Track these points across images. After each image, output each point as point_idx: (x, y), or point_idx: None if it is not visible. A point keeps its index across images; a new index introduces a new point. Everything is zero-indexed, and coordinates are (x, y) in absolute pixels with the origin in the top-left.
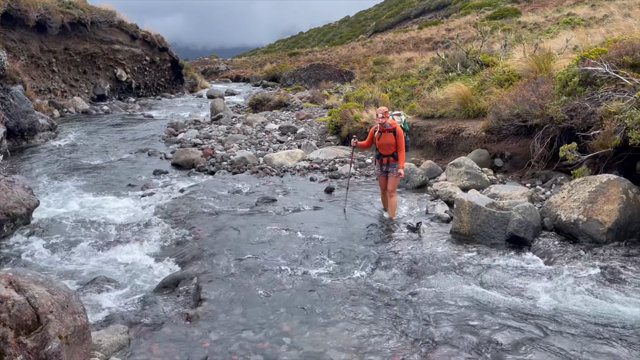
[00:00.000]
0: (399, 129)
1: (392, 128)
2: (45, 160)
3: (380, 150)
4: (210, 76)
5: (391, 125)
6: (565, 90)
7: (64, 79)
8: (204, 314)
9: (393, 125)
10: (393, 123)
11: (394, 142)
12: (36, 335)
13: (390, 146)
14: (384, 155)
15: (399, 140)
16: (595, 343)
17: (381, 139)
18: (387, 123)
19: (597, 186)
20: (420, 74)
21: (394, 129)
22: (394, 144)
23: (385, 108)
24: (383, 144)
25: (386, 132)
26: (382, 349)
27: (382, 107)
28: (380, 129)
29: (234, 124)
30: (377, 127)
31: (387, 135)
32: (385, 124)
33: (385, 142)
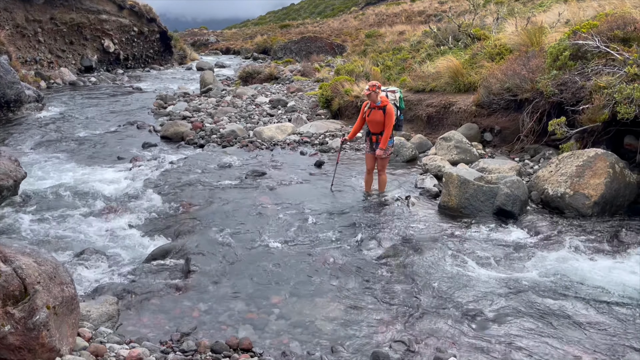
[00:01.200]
0: (389, 107)
1: (383, 105)
2: (32, 132)
3: (370, 127)
4: (199, 48)
5: (382, 102)
6: (556, 64)
7: (50, 49)
8: (193, 286)
9: (384, 102)
10: (384, 100)
11: (383, 120)
12: (24, 306)
13: (379, 124)
14: (373, 133)
15: (388, 120)
16: (579, 313)
17: (371, 116)
18: (377, 99)
19: (584, 160)
20: (412, 47)
21: (384, 106)
22: (383, 122)
23: (375, 82)
24: (372, 121)
25: (376, 109)
26: (369, 319)
27: (372, 81)
28: (371, 105)
29: (224, 96)
30: (369, 103)
31: (376, 112)
32: (374, 99)
33: (375, 120)
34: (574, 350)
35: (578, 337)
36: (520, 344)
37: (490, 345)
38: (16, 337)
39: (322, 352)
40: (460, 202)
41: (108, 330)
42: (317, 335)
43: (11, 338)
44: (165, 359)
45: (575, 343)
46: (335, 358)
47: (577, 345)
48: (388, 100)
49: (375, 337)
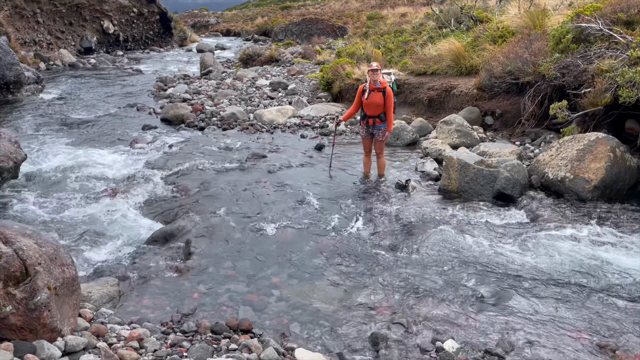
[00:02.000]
0: (389, 90)
1: (382, 87)
2: (32, 114)
3: (367, 110)
4: (200, 30)
5: (381, 84)
6: (559, 47)
7: (49, 30)
8: (193, 267)
9: (383, 84)
10: (383, 82)
11: (382, 102)
12: (25, 287)
13: (378, 107)
14: (370, 116)
15: (388, 101)
16: (577, 296)
17: (369, 99)
18: (377, 81)
19: (585, 144)
20: (414, 29)
21: (384, 88)
22: (382, 105)
23: (377, 64)
24: (371, 104)
25: (375, 92)
26: (368, 301)
27: (373, 63)
28: (370, 88)
29: (224, 79)
30: (366, 86)
31: (376, 94)
32: (376, 81)
33: (374, 102)
34: (572, 332)
35: (576, 319)
36: (518, 326)
37: (488, 328)
38: (18, 317)
39: (321, 333)
40: (461, 185)
41: (109, 311)
42: (316, 316)
43: (13, 318)
44: (165, 339)
45: (573, 325)
46: (334, 339)
47: (575, 327)
48: (387, 83)
49: (374, 318)
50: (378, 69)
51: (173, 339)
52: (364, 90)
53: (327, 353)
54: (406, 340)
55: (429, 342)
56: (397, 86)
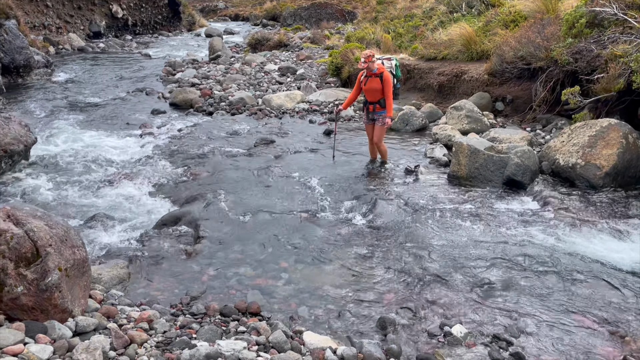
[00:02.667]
0: (386, 74)
1: (379, 73)
2: (41, 97)
3: (367, 96)
4: (208, 14)
5: (378, 70)
6: (572, 32)
7: (58, 14)
8: (202, 251)
9: (380, 69)
10: (380, 67)
11: (381, 87)
12: (36, 268)
13: (377, 92)
14: (370, 102)
15: (386, 87)
16: (586, 284)
17: (367, 84)
18: (373, 67)
19: (597, 130)
20: (424, 14)
21: (381, 73)
22: (381, 90)
23: (370, 51)
24: (369, 90)
25: (373, 77)
26: (376, 286)
27: (366, 51)
28: (367, 74)
29: (233, 64)
30: (364, 72)
31: (373, 80)
32: (371, 68)
33: (372, 88)
34: (580, 319)
35: (585, 305)
36: (527, 311)
37: (496, 313)
38: (29, 298)
39: (329, 316)
40: (470, 171)
41: (119, 293)
42: (324, 300)
43: (24, 299)
44: (175, 321)
45: (582, 312)
46: (342, 323)
47: (584, 315)
48: (384, 68)
49: (382, 303)
50: (371, 54)
51: (182, 321)
52: (363, 75)
53: (335, 336)
54: (414, 325)
55: (437, 326)
56: (402, 72)
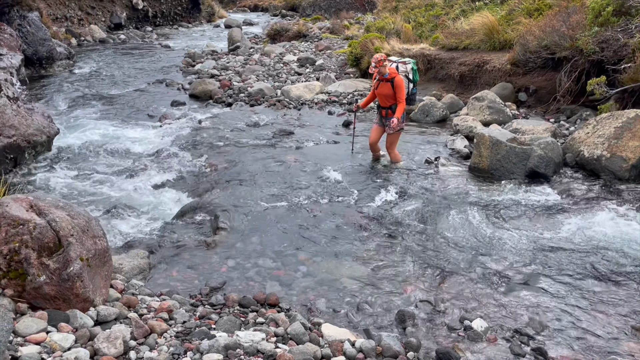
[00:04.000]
0: (398, 79)
1: (391, 78)
2: (64, 89)
3: (380, 100)
4: (227, 5)
5: (390, 74)
6: (598, 20)
7: (80, 6)
8: (221, 242)
9: (392, 74)
10: (392, 72)
11: (392, 93)
12: (58, 257)
13: (388, 98)
14: (382, 107)
15: (398, 92)
16: (611, 278)
17: (379, 89)
18: (385, 72)
19: (623, 122)
20: (446, 3)
21: (392, 78)
22: (392, 96)
23: (381, 55)
24: (381, 95)
25: (384, 82)
26: (395, 279)
27: (377, 55)
28: (379, 78)
29: (252, 55)
30: (377, 75)
31: (384, 85)
32: (382, 72)
33: (383, 93)
34: (604, 314)
35: (609, 300)
36: (549, 306)
37: (517, 307)
38: (51, 287)
39: (347, 309)
40: (492, 163)
41: (139, 283)
42: (343, 293)
43: (47, 288)
44: (194, 311)
45: (606, 306)
46: (360, 316)
47: (607, 310)
48: (397, 73)
49: (401, 296)
50: (382, 58)
51: (202, 312)
52: (376, 78)
53: (354, 329)
54: (433, 318)
55: (457, 320)
56: (423, 62)
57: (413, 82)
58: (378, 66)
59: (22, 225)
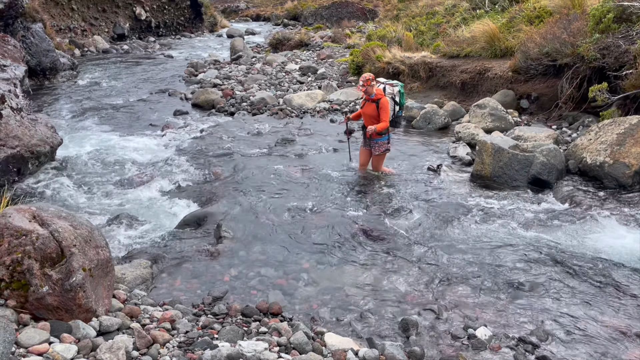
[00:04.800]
0: (383, 101)
1: (377, 98)
2: (67, 99)
3: (364, 120)
4: (230, 15)
5: (376, 95)
6: (599, 27)
7: (83, 17)
8: (224, 251)
9: (379, 95)
10: (379, 93)
11: (376, 114)
12: (61, 268)
13: (372, 118)
14: (367, 128)
15: (382, 114)
16: (615, 285)
17: (364, 108)
18: (372, 92)
19: (626, 128)
20: (447, 11)
21: (378, 99)
22: (376, 117)
23: (370, 75)
24: (365, 115)
25: (370, 102)
26: (398, 287)
27: (365, 74)
28: (366, 98)
29: (254, 64)
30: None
31: (370, 105)
32: (369, 92)
33: (367, 113)
34: (609, 322)
35: (614, 308)
36: (554, 314)
37: (522, 315)
38: (54, 297)
39: (350, 318)
40: (494, 170)
41: (142, 293)
42: (345, 301)
43: (49, 298)
44: (197, 321)
45: (611, 315)
46: (363, 324)
47: (612, 318)
48: (384, 94)
49: (404, 304)
50: (370, 78)
51: (204, 321)
52: (362, 99)
53: (357, 338)
54: (437, 327)
55: (460, 328)
56: (424, 70)
57: (400, 105)
58: (366, 85)
59: (24, 236)
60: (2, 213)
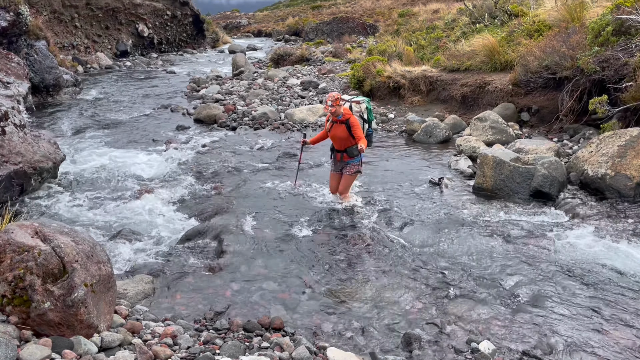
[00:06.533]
0: (352, 120)
1: (345, 119)
2: (70, 115)
3: (334, 143)
4: (232, 31)
5: (344, 116)
6: (598, 40)
7: (86, 34)
8: (225, 266)
9: (346, 115)
10: (347, 112)
11: (347, 135)
12: (62, 283)
13: (343, 140)
14: (337, 151)
15: (355, 131)
16: (617, 298)
17: (332, 131)
18: (339, 112)
19: (627, 140)
20: (447, 25)
21: (347, 120)
22: (347, 137)
23: (337, 94)
24: (335, 137)
25: (338, 123)
26: (400, 301)
27: (332, 93)
28: (333, 119)
29: (256, 79)
30: (330, 117)
31: (339, 127)
32: (337, 113)
33: (337, 136)
34: (614, 335)
35: (617, 321)
36: (557, 327)
37: (525, 329)
38: (56, 313)
39: (353, 332)
40: (496, 183)
41: (144, 308)
42: (348, 315)
43: (51, 314)
44: (198, 336)
45: (613, 328)
46: (366, 339)
47: (615, 331)
48: (351, 113)
49: (407, 318)
50: (338, 97)
51: (206, 336)
52: (329, 120)
53: (359, 352)
54: (440, 341)
55: (463, 342)
56: (425, 83)
57: (368, 122)
58: (335, 105)
59: (27, 252)
60: (5, 229)
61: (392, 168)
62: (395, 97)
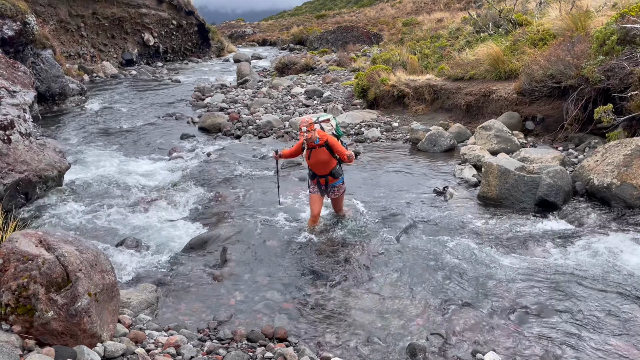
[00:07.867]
0: (331, 140)
1: (324, 141)
2: (75, 124)
3: (315, 169)
4: (236, 40)
5: (321, 139)
6: (602, 49)
7: (92, 43)
8: (229, 274)
9: (323, 138)
10: (322, 135)
11: (329, 157)
12: (66, 292)
13: (326, 164)
14: (320, 176)
15: (337, 149)
16: (624, 309)
17: (312, 157)
18: (315, 137)
19: (632, 149)
20: (451, 34)
21: (325, 141)
22: (329, 160)
23: (309, 118)
24: (317, 163)
25: (316, 148)
26: (405, 311)
27: (304, 118)
28: (309, 145)
29: (260, 88)
30: (305, 143)
31: (319, 151)
32: (313, 139)
33: (320, 160)
34: (620, 346)
35: (624, 332)
36: (564, 338)
37: (531, 340)
38: (59, 322)
39: (357, 342)
40: (501, 192)
41: (147, 317)
42: (352, 325)
43: (54, 324)
44: (202, 346)
45: (620, 339)
46: (370, 349)
47: (622, 342)
48: (326, 134)
49: (412, 328)
50: (312, 122)
51: (209, 346)
52: (303, 147)
53: None
54: (445, 352)
55: (469, 354)
56: (429, 92)
57: (338, 137)
58: (310, 130)
59: (31, 261)
60: (9, 238)
61: (396, 177)
62: (399, 106)
